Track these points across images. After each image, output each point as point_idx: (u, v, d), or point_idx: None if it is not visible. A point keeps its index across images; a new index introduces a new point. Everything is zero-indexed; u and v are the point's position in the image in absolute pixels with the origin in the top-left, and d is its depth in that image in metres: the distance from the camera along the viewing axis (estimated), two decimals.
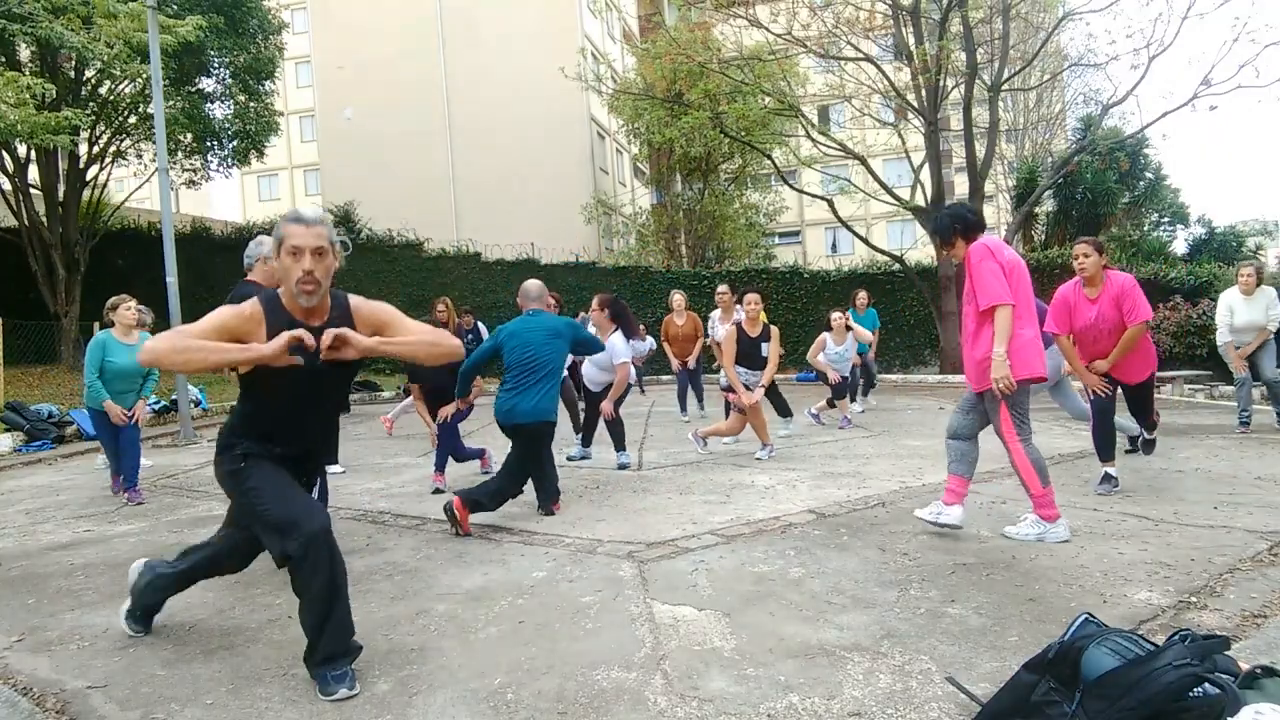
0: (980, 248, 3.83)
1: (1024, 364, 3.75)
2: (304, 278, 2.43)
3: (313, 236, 2.44)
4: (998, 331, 3.70)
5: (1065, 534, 3.76)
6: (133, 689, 2.51)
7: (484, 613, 3.07)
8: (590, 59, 22.88)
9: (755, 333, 6.57)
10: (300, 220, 2.47)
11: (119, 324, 5.81)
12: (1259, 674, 1.78)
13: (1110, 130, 17.37)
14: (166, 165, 10.64)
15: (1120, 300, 4.61)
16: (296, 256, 2.43)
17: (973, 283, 3.85)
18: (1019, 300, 3.76)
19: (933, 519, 3.90)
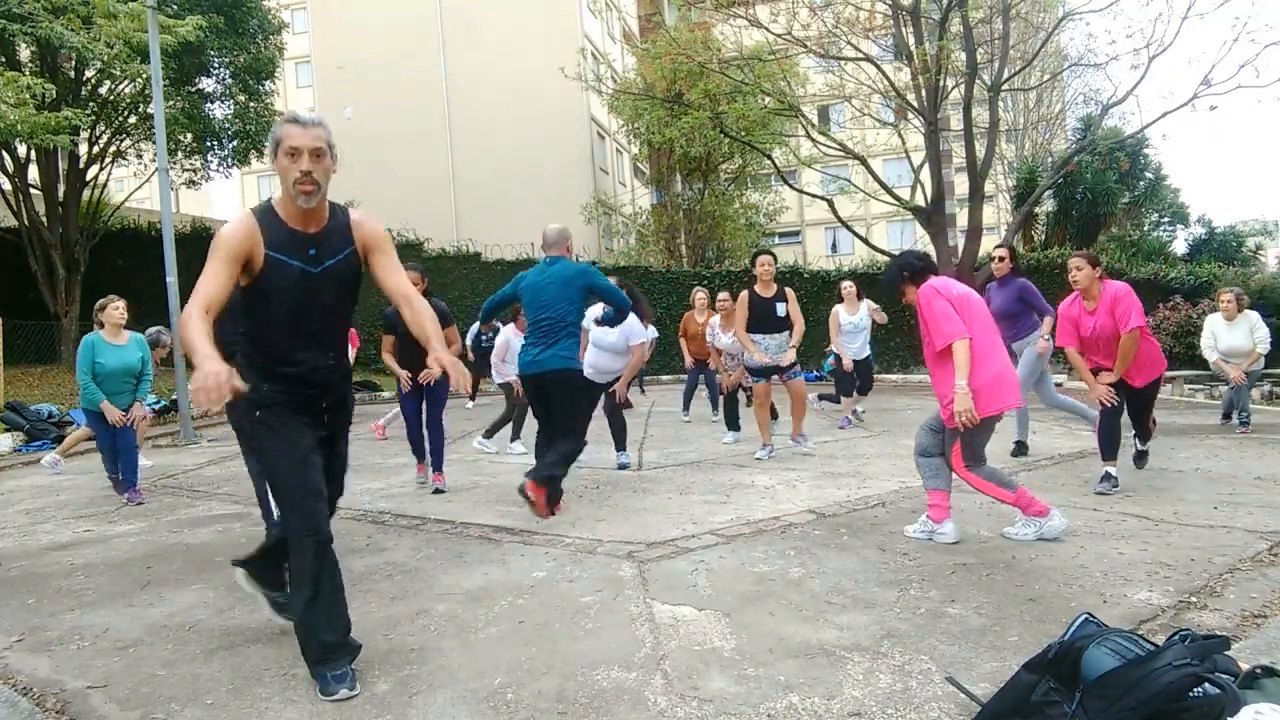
0: (928, 289, 3.86)
1: (990, 399, 3.69)
2: (301, 178, 2.40)
3: (310, 138, 2.42)
4: (957, 365, 3.68)
5: (1061, 524, 3.78)
6: (133, 689, 2.51)
7: (484, 613, 3.07)
8: (590, 59, 22.88)
9: (768, 294, 6.27)
10: (298, 121, 2.44)
11: (107, 324, 5.77)
12: (1259, 674, 1.78)
13: (1110, 130, 17.37)
14: (166, 165, 10.64)
15: (1114, 308, 4.67)
16: (294, 157, 2.40)
17: (925, 325, 3.85)
18: (976, 333, 3.74)
19: (927, 537, 3.89)
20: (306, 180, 2.41)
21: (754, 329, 6.26)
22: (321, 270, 2.52)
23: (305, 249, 2.50)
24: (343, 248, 2.57)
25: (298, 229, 2.49)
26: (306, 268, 2.49)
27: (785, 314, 6.27)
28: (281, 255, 2.47)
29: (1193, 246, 21.50)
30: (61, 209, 14.67)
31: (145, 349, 5.99)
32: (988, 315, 3.92)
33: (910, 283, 3.99)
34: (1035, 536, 3.76)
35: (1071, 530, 3.94)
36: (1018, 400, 3.87)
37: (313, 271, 2.50)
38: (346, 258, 2.57)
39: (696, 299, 9.40)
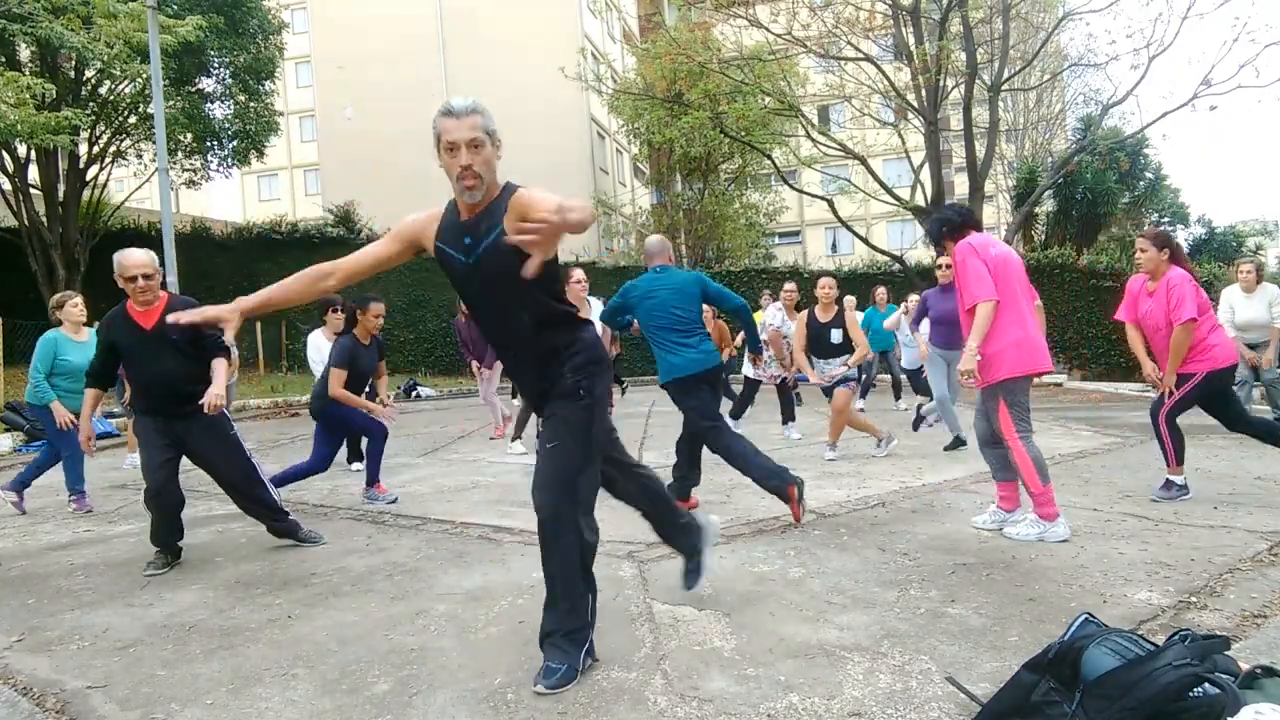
0: (964, 246, 3.83)
1: (1017, 360, 3.73)
2: (463, 173, 2.30)
3: (466, 129, 2.28)
4: (976, 327, 3.70)
5: (1064, 533, 3.75)
6: (133, 689, 2.51)
7: (484, 613, 3.06)
8: (590, 59, 22.89)
9: (826, 317, 6.26)
10: (451, 113, 2.30)
11: (67, 321, 5.54)
12: (1259, 674, 1.78)
13: (1110, 130, 17.38)
14: (166, 165, 10.66)
15: (1167, 296, 4.35)
16: (453, 152, 2.29)
17: (959, 282, 3.87)
18: (1007, 296, 3.73)
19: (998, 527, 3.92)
20: (468, 175, 2.30)
21: (811, 352, 6.35)
22: (474, 261, 2.38)
23: (462, 238, 2.40)
24: (491, 231, 2.35)
25: (462, 218, 2.41)
26: (462, 259, 2.39)
27: (842, 340, 6.26)
28: (447, 247, 2.42)
29: (1193, 246, 21.54)
30: (61, 209, 14.68)
31: None
32: (1023, 278, 3.89)
33: (949, 238, 3.99)
34: (1037, 538, 3.75)
35: (1071, 530, 3.94)
36: (1047, 364, 3.85)
37: (466, 262, 2.39)
38: (496, 240, 2.33)
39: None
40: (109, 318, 3.89)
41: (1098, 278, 15.16)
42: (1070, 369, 15.18)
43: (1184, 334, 4.31)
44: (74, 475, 5.47)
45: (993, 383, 3.80)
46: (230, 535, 4.57)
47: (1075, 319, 15.29)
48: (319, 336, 6.81)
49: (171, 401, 3.82)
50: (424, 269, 18.25)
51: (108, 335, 3.85)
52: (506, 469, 6.43)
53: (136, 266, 3.77)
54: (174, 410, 3.82)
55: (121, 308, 3.87)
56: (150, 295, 3.82)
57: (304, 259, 13.24)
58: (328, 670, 2.60)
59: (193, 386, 3.83)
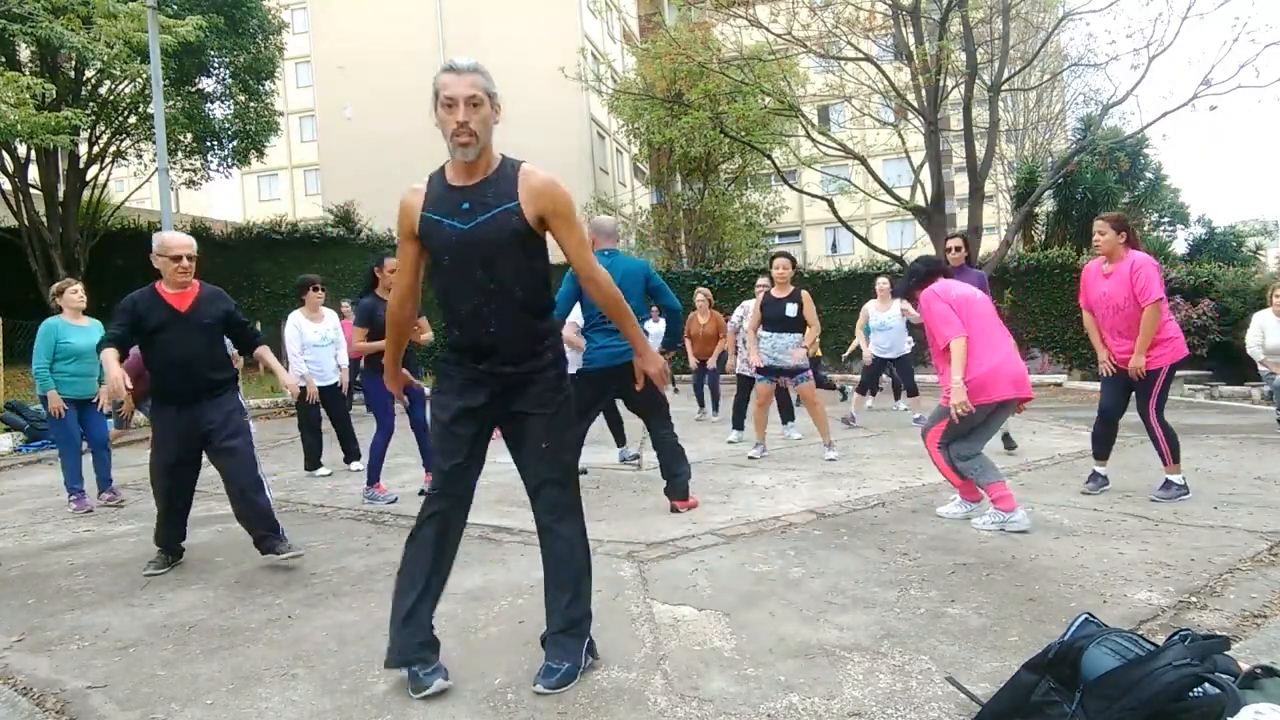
0: (928, 294, 4.17)
1: (978, 390, 3.97)
2: (458, 129, 2.25)
3: (466, 85, 2.25)
4: (954, 361, 3.98)
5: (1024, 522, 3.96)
6: (133, 689, 2.51)
7: (484, 613, 3.06)
8: (590, 59, 22.87)
9: (783, 294, 6.35)
10: (452, 69, 2.28)
11: (66, 308, 5.58)
12: (1259, 674, 1.78)
13: (1110, 130, 17.36)
14: (166, 165, 10.66)
15: (1133, 278, 4.47)
16: (450, 108, 2.26)
17: (929, 327, 4.17)
18: (973, 331, 4.01)
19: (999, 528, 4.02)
20: (463, 131, 2.25)
21: (766, 327, 6.38)
22: (472, 227, 2.31)
23: (459, 204, 2.33)
24: (500, 203, 2.31)
25: (455, 184, 2.35)
26: (457, 225, 2.32)
27: (797, 315, 6.28)
28: (436, 215, 2.35)
29: (1193, 246, 21.50)
30: (61, 209, 14.67)
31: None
32: (988, 312, 4.17)
33: (918, 288, 4.28)
34: (997, 528, 3.97)
35: (1071, 530, 3.94)
36: (1012, 392, 4.03)
37: (462, 228, 2.31)
38: (502, 214, 2.30)
39: (697, 299, 9.39)
40: (137, 295, 3.86)
41: None
42: (1070, 369, 15.18)
43: (1154, 313, 4.44)
44: (72, 474, 5.43)
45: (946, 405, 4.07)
46: (230, 535, 4.57)
47: (1075, 319, 15.23)
48: (299, 317, 6.57)
49: (194, 386, 3.80)
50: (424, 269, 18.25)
51: (134, 308, 3.79)
52: (507, 469, 6.41)
53: (182, 246, 3.83)
54: (194, 395, 3.79)
55: (150, 288, 3.87)
56: (188, 277, 3.86)
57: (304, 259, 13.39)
58: (328, 670, 2.60)
59: (216, 373, 3.86)
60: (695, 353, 9.39)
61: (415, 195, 2.41)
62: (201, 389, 3.81)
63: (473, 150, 2.28)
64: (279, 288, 17.26)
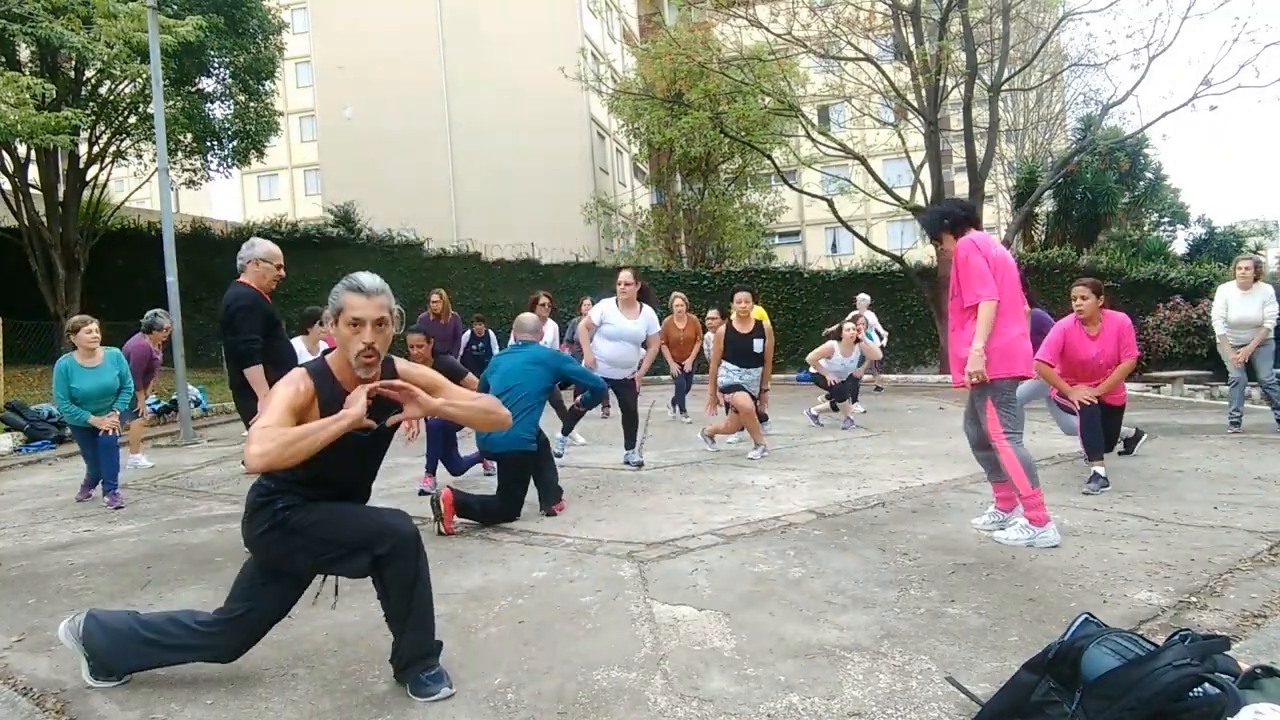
0: (967, 243, 3.82)
1: (1007, 361, 3.73)
2: (364, 350, 2.33)
3: (374, 308, 2.33)
4: (979, 326, 3.69)
5: (1054, 538, 3.68)
6: (133, 689, 2.51)
7: (484, 613, 3.07)
8: (590, 59, 22.86)
9: (746, 329, 6.54)
10: (360, 290, 2.34)
11: (80, 347, 5.61)
12: (1259, 674, 1.78)
13: (1110, 130, 17.37)
14: (166, 165, 10.65)
15: (1121, 337, 5.00)
16: (356, 328, 2.32)
17: (958, 278, 3.84)
18: (1004, 297, 3.73)
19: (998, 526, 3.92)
20: (369, 352, 2.34)
21: (731, 360, 6.55)
22: (382, 428, 2.41)
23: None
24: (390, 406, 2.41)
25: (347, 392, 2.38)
26: (359, 434, 2.33)
27: (762, 349, 6.53)
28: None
29: (1193, 246, 21.51)
30: (61, 209, 14.67)
31: (122, 364, 5.85)
32: (1017, 281, 3.90)
33: (949, 231, 3.95)
34: (1027, 543, 3.68)
35: (1071, 530, 3.94)
36: (1029, 369, 3.92)
37: (362, 437, 2.35)
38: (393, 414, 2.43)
39: (675, 304, 9.39)
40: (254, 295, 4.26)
41: (1098, 277, 15.13)
42: None
43: (1131, 366, 5.10)
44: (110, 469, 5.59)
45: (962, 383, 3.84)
46: (230, 535, 4.56)
47: None
48: (299, 345, 6.59)
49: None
50: (424, 269, 18.28)
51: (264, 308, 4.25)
52: None
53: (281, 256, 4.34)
54: None
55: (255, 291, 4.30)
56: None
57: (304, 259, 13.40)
58: (328, 670, 2.60)
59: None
60: (674, 357, 9.41)
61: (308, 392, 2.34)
62: None
63: (374, 369, 2.38)
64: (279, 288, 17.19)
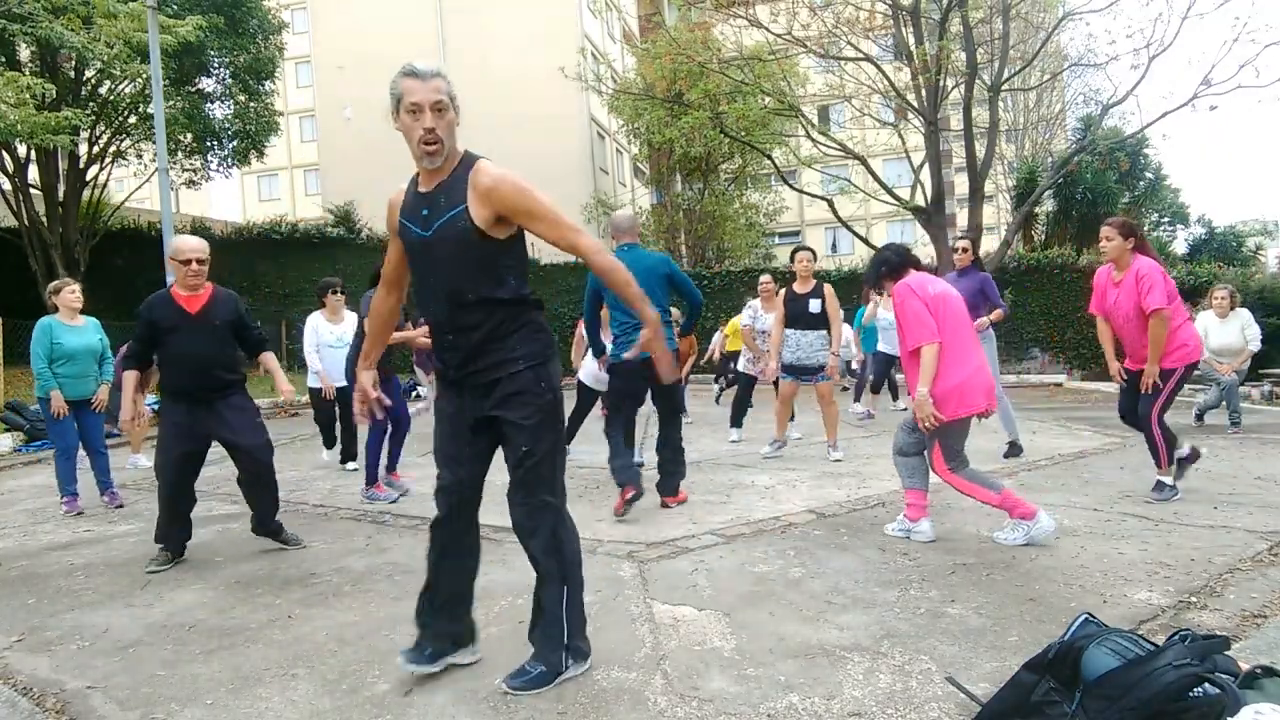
0: (903, 288, 3.84)
1: (960, 402, 3.69)
2: (425, 135, 2.24)
3: (430, 90, 2.23)
4: (922, 370, 3.67)
5: (1049, 525, 3.69)
6: (133, 689, 2.51)
7: (484, 613, 3.06)
8: (590, 59, 22.86)
9: (805, 289, 6.18)
10: (415, 74, 2.24)
11: (62, 308, 5.57)
12: (1259, 674, 1.78)
13: (1110, 130, 17.37)
14: (166, 165, 10.66)
15: (1138, 284, 4.36)
16: (416, 114, 2.23)
17: (900, 323, 3.86)
18: (948, 334, 3.71)
19: (905, 535, 3.92)
20: (431, 137, 2.24)
21: (790, 325, 6.22)
22: (430, 235, 2.30)
23: (420, 210, 2.32)
24: (450, 207, 2.28)
25: (421, 189, 2.34)
26: (418, 230, 2.31)
27: (820, 310, 6.13)
28: (405, 219, 2.37)
29: (1193, 246, 21.53)
30: (61, 209, 14.67)
31: (102, 331, 5.78)
32: (963, 314, 3.86)
33: (888, 278, 3.97)
34: (1025, 540, 3.69)
35: (1071, 530, 3.94)
36: (990, 404, 3.78)
37: (423, 234, 2.30)
38: (454, 218, 2.26)
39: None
40: (151, 299, 4.02)
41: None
42: (1070, 369, 15.18)
43: (1159, 324, 4.33)
44: (65, 476, 5.37)
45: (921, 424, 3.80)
46: (230, 535, 4.57)
47: (1075, 319, 15.28)
48: (318, 319, 6.70)
49: (203, 386, 3.94)
50: None
51: (149, 314, 3.96)
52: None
53: (192, 250, 3.93)
54: (204, 395, 3.93)
55: (165, 291, 4.03)
56: (198, 280, 3.98)
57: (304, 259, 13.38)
58: (328, 670, 2.60)
59: (226, 374, 3.99)
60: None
61: (397, 195, 2.43)
62: (211, 388, 3.95)
63: (439, 157, 2.28)
64: (279, 288, 17.27)
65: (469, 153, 2.36)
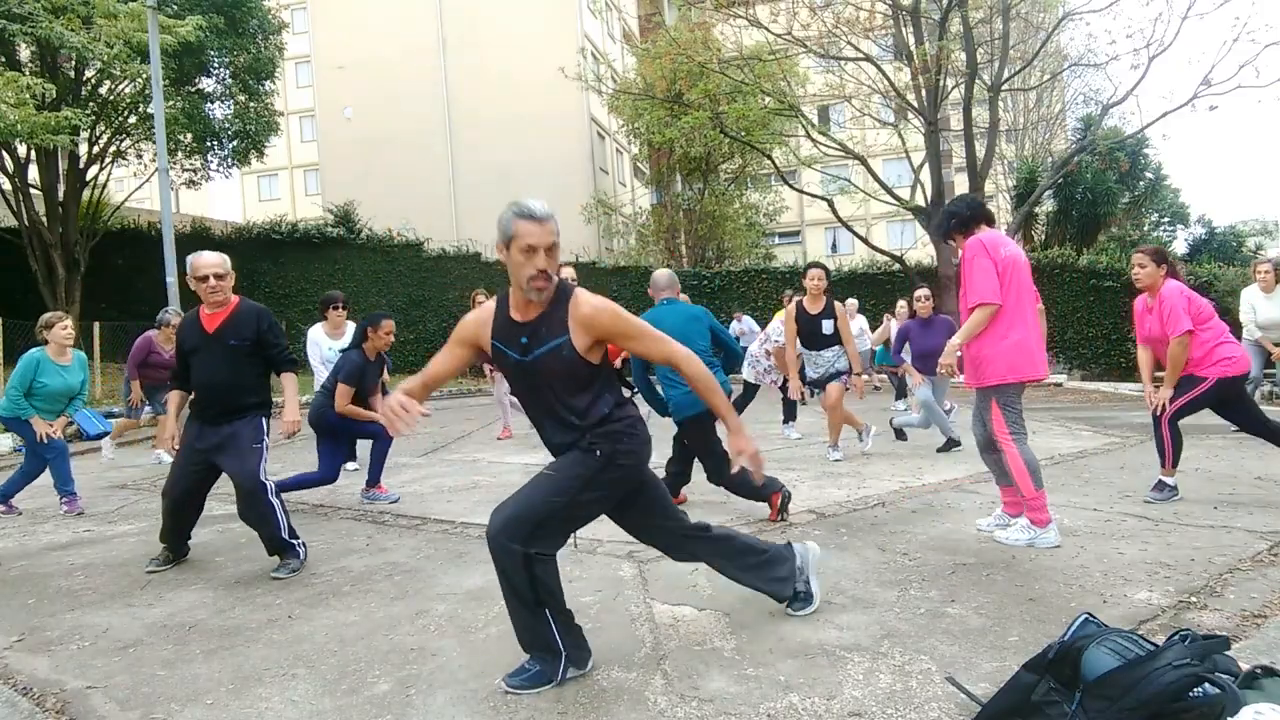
0: (975, 244, 3.74)
1: (1011, 365, 3.66)
2: (537, 276, 2.33)
3: (545, 233, 2.33)
4: (967, 327, 3.66)
5: (1055, 539, 3.68)
6: (133, 689, 2.51)
7: (484, 613, 3.06)
8: (590, 59, 22.89)
9: (816, 309, 6.10)
10: (533, 217, 2.32)
11: (53, 343, 5.41)
12: (1259, 674, 1.78)
13: (1110, 130, 17.37)
14: (166, 165, 10.66)
15: (1161, 311, 4.37)
16: (529, 254, 2.32)
17: (963, 276, 3.79)
18: (1010, 300, 3.66)
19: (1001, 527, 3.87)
20: (542, 278, 2.34)
21: (804, 344, 6.17)
22: (530, 360, 2.41)
23: (519, 338, 2.42)
24: (552, 337, 2.39)
25: (515, 318, 2.44)
26: (518, 357, 2.43)
27: (834, 331, 6.08)
28: (499, 343, 2.47)
29: (1193, 246, 21.55)
30: (61, 209, 14.68)
31: (86, 370, 5.70)
32: (1028, 283, 3.79)
33: (958, 231, 3.90)
34: (1027, 543, 3.69)
35: (1071, 530, 3.94)
36: (1042, 371, 3.76)
37: (523, 360, 2.42)
38: (553, 349, 2.39)
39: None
40: (184, 319, 3.93)
41: (1098, 278, 15.16)
42: (1070, 369, 15.17)
43: (1179, 347, 4.34)
44: (62, 477, 5.39)
45: (986, 385, 3.76)
46: (230, 535, 4.57)
47: (1075, 319, 15.29)
48: (319, 331, 6.76)
49: (215, 408, 3.76)
50: (424, 269, 18.28)
51: (180, 338, 3.89)
52: (507, 469, 6.43)
53: (206, 266, 3.72)
54: (216, 417, 3.76)
55: (195, 310, 3.88)
56: (220, 296, 3.75)
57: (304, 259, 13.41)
58: (328, 670, 2.60)
59: (243, 396, 3.78)
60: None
61: (484, 321, 2.51)
62: (224, 411, 3.76)
63: (547, 293, 2.37)
64: (279, 288, 17.28)
65: (564, 282, 2.46)
